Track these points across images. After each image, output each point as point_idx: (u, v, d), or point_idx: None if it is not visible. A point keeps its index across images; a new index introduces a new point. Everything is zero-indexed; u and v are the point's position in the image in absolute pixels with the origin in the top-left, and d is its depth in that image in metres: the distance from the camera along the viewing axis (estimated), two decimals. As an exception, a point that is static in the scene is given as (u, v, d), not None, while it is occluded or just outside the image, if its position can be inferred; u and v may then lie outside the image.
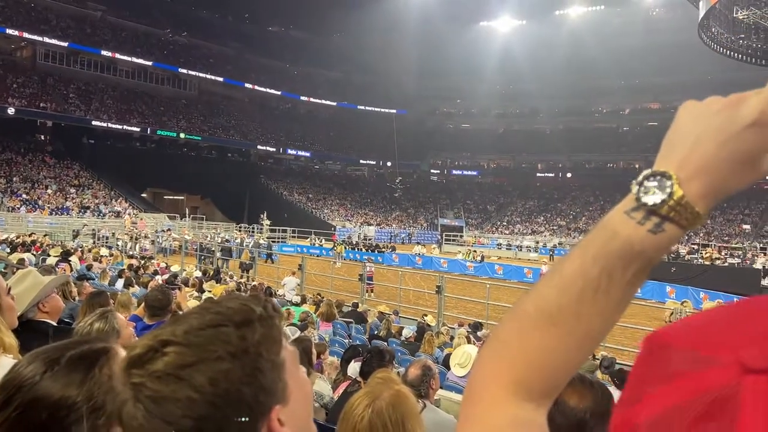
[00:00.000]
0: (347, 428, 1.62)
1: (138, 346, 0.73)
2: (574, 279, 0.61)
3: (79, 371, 1.10)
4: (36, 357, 1.12)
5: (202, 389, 0.69)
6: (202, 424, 0.68)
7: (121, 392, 0.72)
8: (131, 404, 0.70)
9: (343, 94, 69.93)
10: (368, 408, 1.64)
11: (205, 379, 0.69)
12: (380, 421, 1.61)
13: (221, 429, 0.69)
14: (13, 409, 1.05)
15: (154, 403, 0.69)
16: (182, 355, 0.71)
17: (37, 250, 15.94)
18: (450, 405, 5.29)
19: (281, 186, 58.87)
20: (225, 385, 0.70)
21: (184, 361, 0.70)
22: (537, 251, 41.37)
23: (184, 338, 0.72)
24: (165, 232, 34.27)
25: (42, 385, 1.07)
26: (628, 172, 63.91)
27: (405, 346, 9.26)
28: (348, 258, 32.27)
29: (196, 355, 0.71)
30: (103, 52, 52.12)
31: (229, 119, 61.88)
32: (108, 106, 51.39)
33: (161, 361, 0.70)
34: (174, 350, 0.71)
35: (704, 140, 0.62)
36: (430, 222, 60.30)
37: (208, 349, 0.71)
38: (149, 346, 0.72)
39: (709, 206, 0.59)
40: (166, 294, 4.73)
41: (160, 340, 0.72)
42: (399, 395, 1.71)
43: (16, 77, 47.21)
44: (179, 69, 57.86)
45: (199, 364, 0.70)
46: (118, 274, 12.74)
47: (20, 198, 37.46)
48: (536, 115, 70.90)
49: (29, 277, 2.92)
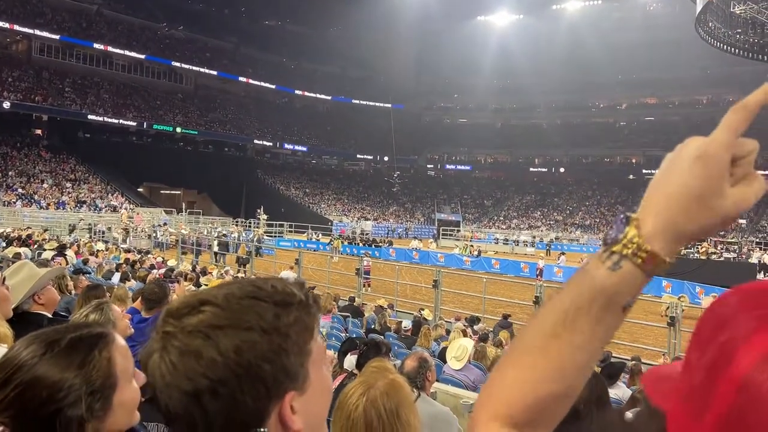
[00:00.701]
0: (342, 417, 1.62)
1: (178, 301, 0.76)
2: (547, 314, 0.64)
3: (78, 354, 1.11)
4: (35, 339, 1.13)
5: (226, 353, 0.70)
6: (217, 387, 0.70)
7: (151, 342, 0.74)
8: (158, 355, 0.73)
9: (340, 89, 69.79)
10: (363, 397, 1.65)
11: (231, 345, 0.71)
12: (375, 409, 1.61)
13: (234, 398, 0.71)
14: (12, 389, 1.05)
15: (179, 356, 0.71)
16: (216, 316, 0.73)
17: (32, 244, 15.90)
18: (446, 398, 5.31)
19: (278, 180, 58.78)
20: (248, 356, 0.71)
21: (217, 322, 0.72)
22: (534, 246, 41.41)
23: (222, 301, 0.74)
24: (161, 226, 34.22)
25: (40, 367, 1.07)
26: (625, 167, 64.06)
27: (402, 339, 9.28)
28: (345, 252, 32.27)
29: (228, 320, 0.73)
30: (96, 45, 51.61)
31: (226, 113, 61.71)
32: (104, 100, 51.18)
33: (196, 317, 0.73)
34: (210, 310, 0.73)
35: (663, 178, 0.65)
36: (427, 217, 60.34)
37: (242, 317, 0.73)
38: (188, 302, 0.75)
39: (668, 246, 0.60)
40: (163, 287, 4.71)
41: (200, 299, 0.75)
42: (394, 384, 1.71)
43: (11, 71, 46.97)
44: (174, 63, 57.52)
45: (229, 329, 0.72)
46: (115, 268, 12.72)
47: (16, 192, 37.34)
48: (533, 110, 70.87)
49: (25, 269, 2.92)
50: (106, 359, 1.13)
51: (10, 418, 1.06)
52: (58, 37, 49.78)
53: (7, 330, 2.06)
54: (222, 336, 0.71)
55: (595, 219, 57.66)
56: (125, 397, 1.15)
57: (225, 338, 0.71)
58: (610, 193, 61.41)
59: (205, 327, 0.72)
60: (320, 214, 53.31)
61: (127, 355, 1.18)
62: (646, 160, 62.72)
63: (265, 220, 40.68)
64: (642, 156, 63.16)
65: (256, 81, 63.94)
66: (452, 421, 3.00)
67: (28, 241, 16.63)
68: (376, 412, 1.62)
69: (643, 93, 66.05)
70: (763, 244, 38.89)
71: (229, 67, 62.49)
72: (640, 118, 66.75)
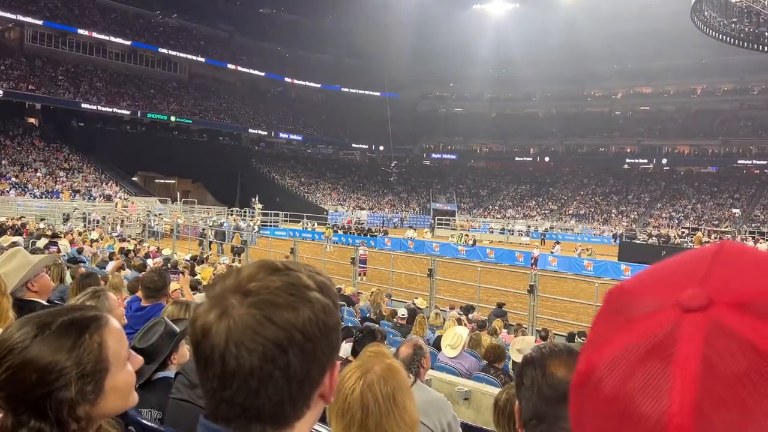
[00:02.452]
0: (338, 401, 1.62)
1: (252, 267, 0.79)
2: None
3: (69, 337, 1.10)
4: (28, 321, 1.12)
5: (317, 313, 0.76)
6: (305, 343, 0.74)
7: (218, 303, 0.75)
8: (244, 310, 0.74)
9: (335, 78, 69.50)
10: (359, 381, 1.65)
11: (321, 306, 0.77)
12: (371, 393, 1.62)
13: (315, 355, 0.76)
14: (3, 371, 1.06)
15: (275, 308, 0.74)
16: (304, 280, 0.78)
17: (26, 235, 15.84)
18: (441, 385, 5.34)
19: (273, 170, 58.64)
20: (329, 320, 0.77)
21: (307, 284, 0.78)
22: (529, 235, 41.54)
23: (303, 268, 0.80)
24: (156, 216, 34.15)
25: (32, 349, 1.07)
26: (620, 156, 64.16)
27: (396, 328, 9.31)
28: (340, 242, 32.27)
29: (316, 284, 0.78)
30: (82, 31, 50.78)
31: (221, 102, 61.41)
32: (97, 89, 50.83)
33: (286, 276, 0.77)
34: (295, 274, 0.78)
35: None
36: (423, 206, 60.37)
37: (325, 285, 0.80)
38: (267, 265, 0.79)
39: None
40: (163, 276, 4.72)
41: (280, 264, 0.79)
42: (390, 369, 1.72)
43: (3, 59, 46.56)
44: (168, 51, 57.03)
45: (317, 292, 0.78)
46: (108, 257, 12.70)
47: (9, 181, 37.14)
48: (529, 99, 70.78)
49: (18, 256, 2.90)
50: (98, 343, 1.12)
51: (3, 399, 1.06)
52: (42, 23, 48.95)
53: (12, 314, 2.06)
54: (313, 297, 0.76)
55: (590, 208, 57.82)
56: (118, 381, 1.15)
57: (316, 300, 0.76)
58: (605, 183, 61.54)
59: (299, 286, 0.76)
60: (315, 203, 53.27)
61: (121, 339, 1.18)
62: (641, 149, 62.83)
63: (260, 209, 40.66)
64: (637, 145, 63.26)
65: (250, 69, 63.58)
66: (447, 408, 3.01)
67: (22, 231, 16.56)
68: (373, 396, 1.62)
69: (639, 82, 66.05)
70: (756, 233, 39.11)
71: (224, 55, 62.11)
72: (635, 108, 66.79)
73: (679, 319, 0.41)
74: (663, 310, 0.42)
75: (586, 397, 0.44)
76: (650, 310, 0.43)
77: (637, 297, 0.45)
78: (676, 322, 0.41)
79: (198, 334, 0.76)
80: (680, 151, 61.24)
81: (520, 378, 1.41)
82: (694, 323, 0.40)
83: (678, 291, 0.42)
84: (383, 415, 1.62)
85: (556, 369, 1.34)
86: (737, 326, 0.39)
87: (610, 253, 30.61)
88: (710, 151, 59.95)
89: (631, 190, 59.47)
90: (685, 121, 62.33)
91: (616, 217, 55.00)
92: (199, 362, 0.76)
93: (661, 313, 0.42)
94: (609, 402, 0.42)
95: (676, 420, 0.37)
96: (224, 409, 0.75)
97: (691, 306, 0.41)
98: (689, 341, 0.39)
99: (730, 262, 0.43)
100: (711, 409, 0.37)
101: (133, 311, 4.37)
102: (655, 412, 0.38)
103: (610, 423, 0.41)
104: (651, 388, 0.39)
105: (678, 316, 0.41)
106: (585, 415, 0.45)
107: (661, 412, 0.38)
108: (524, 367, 1.41)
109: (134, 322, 4.11)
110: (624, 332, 0.43)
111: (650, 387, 0.39)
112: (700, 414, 0.37)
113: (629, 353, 0.42)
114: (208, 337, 0.74)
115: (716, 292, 0.41)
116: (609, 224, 52.44)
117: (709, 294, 0.41)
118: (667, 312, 0.42)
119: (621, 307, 0.46)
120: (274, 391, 0.74)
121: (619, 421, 0.40)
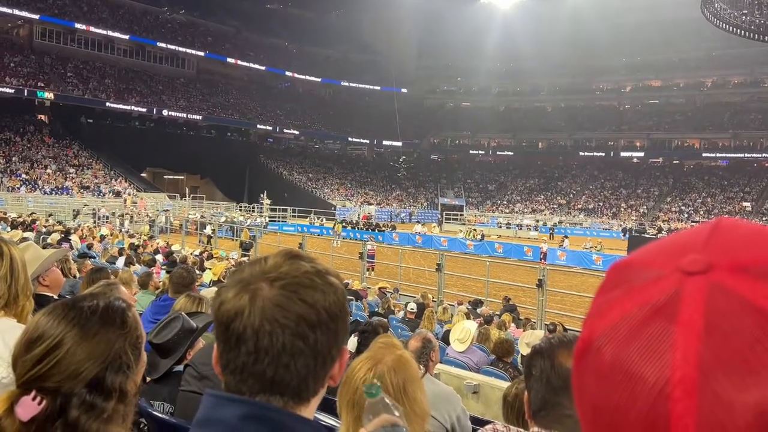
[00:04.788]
0: (348, 392, 1.63)
1: (273, 258, 0.86)
2: None
3: (114, 320, 1.17)
4: (63, 311, 1.15)
5: (339, 295, 0.84)
6: (329, 323, 0.82)
7: (245, 288, 0.81)
8: (275, 291, 0.81)
9: (342, 73, 69.35)
10: (370, 372, 1.66)
11: (340, 289, 0.85)
12: (382, 385, 1.63)
13: (337, 333, 0.84)
14: (52, 363, 1.09)
15: (304, 289, 0.82)
16: (320, 267, 0.86)
17: (35, 229, 15.94)
18: (449, 379, 5.34)
19: (281, 165, 58.72)
20: (345, 302, 0.85)
21: (325, 270, 0.86)
22: (537, 230, 41.40)
23: (314, 258, 0.88)
24: (165, 212, 34.33)
25: (76, 337, 1.12)
26: (629, 150, 63.77)
27: (405, 322, 9.32)
28: (348, 237, 32.30)
29: (329, 271, 0.86)
30: (89, 27, 50.63)
31: (228, 98, 61.50)
32: (106, 86, 51.04)
33: (308, 264, 0.85)
34: (314, 262, 0.86)
35: None
36: (431, 201, 60.25)
37: (335, 271, 0.87)
38: (285, 253, 0.86)
39: None
40: (190, 272, 4.94)
41: (294, 253, 0.87)
42: (401, 360, 1.72)
43: (13, 56, 46.81)
44: (160, 44, 56.39)
45: (334, 276, 0.86)
46: (118, 252, 12.77)
47: (20, 178, 37.40)
48: (537, 93, 70.40)
49: (29, 251, 2.92)
50: (135, 319, 1.21)
51: (53, 389, 1.08)
52: (38, 17, 48.75)
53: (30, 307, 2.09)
54: (335, 282, 0.85)
55: (599, 203, 57.55)
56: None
57: (338, 285, 0.85)
58: (614, 177, 61.20)
59: (322, 273, 0.84)
60: (323, 198, 53.32)
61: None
62: (651, 143, 62.40)
63: (268, 204, 40.75)
64: (646, 139, 62.84)
65: (257, 65, 63.60)
66: (456, 401, 3.02)
67: (32, 226, 16.68)
68: (384, 387, 1.63)
69: (648, 75, 65.50)
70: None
71: (231, 51, 62.14)
72: (644, 101, 66.25)
73: (681, 282, 0.42)
74: (664, 276, 0.43)
75: (588, 366, 0.45)
76: (652, 278, 0.44)
77: (638, 268, 0.46)
78: (677, 285, 0.41)
79: (228, 316, 0.80)
80: (690, 144, 60.78)
81: (529, 369, 1.41)
82: (695, 285, 0.41)
83: (678, 259, 0.43)
84: None
85: (565, 359, 1.34)
86: (737, 287, 0.40)
87: (620, 248, 30.46)
88: (720, 144, 59.43)
89: (640, 183, 59.11)
90: (695, 114, 61.83)
91: (625, 211, 54.71)
92: (228, 342, 0.81)
93: (663, 280, 0.43)
94: (610, 367, 0.42)
95: (678, 374, 0.38)
96: (250, 383, 0.81)
97: (692, 269, 0.42)
98: (691, 302, 0.40)
99: (728, 232, 0.44)
100: (714, 365, 0.37)
101: (161, 301, 4.53)
102: (656, 371, 0.39)
103: (611, 387, 0.41)
104: (652, 348, 0.40)
105: (679, 280, 0.42)
106: (587, 384, 0.45)
107: (663, 370, 0.38)
108: (533, 357, 1.42)
109: (155, 311, 4.23)
110: (625, 300, 0.44)
111: (652, 348, 0.40)
112: (702, 370, 0.37)
113: (630, 318, 0.42)
114: (240, 318, 0.79)
115: (716, 258, 0.42)
116: (618, 218, 52.18)
117: (709, 259, 0.42)
118: (669, 278, 0.43)
119: (623, 279, 0.47)
120: (302, 365, 0.80)
121: (621, 383, 0.41)
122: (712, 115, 60.39)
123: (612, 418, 0.41)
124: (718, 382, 0.37)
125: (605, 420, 0.42)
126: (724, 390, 0.37)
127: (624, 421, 0.40)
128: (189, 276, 4.63)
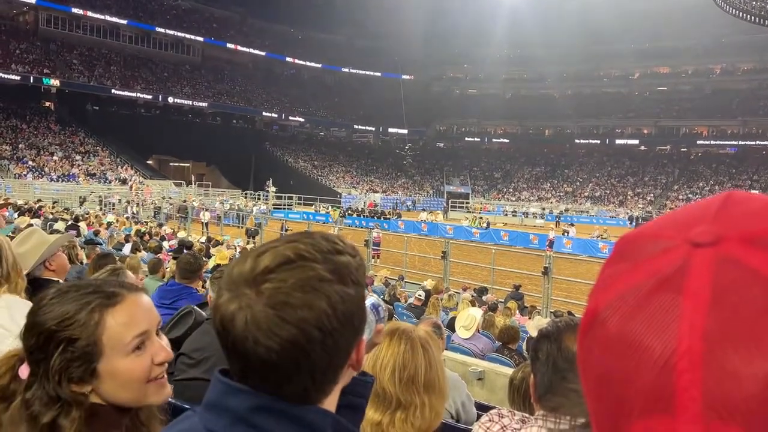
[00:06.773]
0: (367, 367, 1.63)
1: (270, 257, 0.76)
2: None
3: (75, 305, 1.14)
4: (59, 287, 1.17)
5: (335, 305, 0.75)
6: (326, 338, 0.74)
7: (239, 296, 0.74)
8: (260, 306, 0.73)
9: (348, 60, 69.05)
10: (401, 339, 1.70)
11: (338, 297, 0.75)
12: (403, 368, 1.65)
13: (337, 345, 0.75)
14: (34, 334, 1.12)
15: (288, 308, 0.73)
16: (319, 270, 0.76)
17: (42, 216, 15.99)
18: (455, 365, 5.35)
19: (286, 153, 58.69)
20: (350, 307, 0.77)
21: (323, 276, 0.75)
22: (543, 218, 41.28)
23: (320, 256, 0.77)
24: (169, 199, 34.41)
25: (45, 309, 1.13)
26: (636, 137, 63.36)
27: (410, 309, 9.33)
28: (354, 225, 32.30)
29: (331, 274, 0.76)
30: (74, 10, 49.70)
31: (234, 85, 61.39)
32: (112, 72, 51.02)
33: (300, 271, 0.75)
34: (310, 265, 0.76)
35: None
36: (436, 189, 60.12)
37: (341, 271, 0.77)
38: (283, 256, 0.76)
39: None
40: (198, 258, 4.97)
41: (295, 254, 0.76)
42: (430, 334, 1.76)
43: (19, 43, 46.80)
44: (158, 28, 55.86)
45: (334, 283, 0.76)
46: (124, 239, 12.83)
47: (26, 165, 37.54)
48: (544, 80, 69.87)
49: (34, 236, 2.92)
50: (95, 321, 1.10)
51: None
52: (34, 2, 48.46)
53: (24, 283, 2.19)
54: (329, 290, 0.75)
55: (606, 190, 57.30)
56: (117, 367, 1.11)
57: (332, 292, 0.75)
58: (621, 165, 60.87)
59: (313, 281, 0.74)
60: (329, 186, 53.29)
61: (130, 324, 1.13)
62: (658, 130, 61.98)
63: (274, 192, 40.79)
64: (654, 126, 62.41)
65: (262, 51, 63.37)
66: (461, 387, 3.04)
67: (39, 213, 16.74)
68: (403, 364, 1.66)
69: (656, 62, 64.87)
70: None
71: (236, 37, 61.94)
72: (652, 88, 65.71)
73: (689, 254, 0.41)
74: (672, 248, 0.42)
75: (593, 338, 0.44)
76: (660, 249, 0.43)
77: (646, 240, 0.46)
78: (685, 257, 0.41)
79: (220, 324, 0.76)
80: (698, 131, 60.34)
81: (536, 352, 1.40)
82: (703, 257, 0.40)
83: (687, 231, 0.43)
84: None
85: (571, 343, 1.33)
86: (746, 258, 0.39)
87: (626, 236, 30.28)
88: (729, 131, 58.96)
89: (648, 171, 58.79)
90: (703, 101, 61.28)
91: (632, 199, 54.48)
92: (224, 349, 0.77)
93: (671, 251, 0.42)
94: (616, 338, 0.42)
95: (684, 345, 0.37)
96: (254, 383, 0.76)
97: (701, 241, 0.41)
98: (699, 273, 0.40)
99: (739, 205, 0.44)
100: (721, 337, 0.37)
101: (168, 286, 4.56)
102: (662, 342, 0.38)
103: (616, 358, 0.41)
104: (659, 320, 0.39)
105: (688, 251, 0.41)
106: (592, 356, 0.44)
107: (669, 341, 0.38)
108: (540, 341, 1.41)
109: (161, 295, 4.27)
110: (632, 272, 0.44)
111: (658, 319, 0.39)
112: (708, 341, 0.37)
113: (637, 290, 0.42)
114: (229, 328, 0.74)
115: (725, 229, 0.41)
116: (625, 206, 51.97)
117: (718, 231, 0.41)
118: (677, 249, 0.42)
119: (630, 251, 0.46)
120: (297, 382, 0.75)
121: (626, 354, 0.40)
122: (720, 102, 59.86)
123: (617, 389, 0.41)
124: (725, 354, 0.37)
125: (610, 392, 0.42)
126: (731, 361, 0.36)
127: (629, 393, 0.40)
128: (196, 262, 4.66)
